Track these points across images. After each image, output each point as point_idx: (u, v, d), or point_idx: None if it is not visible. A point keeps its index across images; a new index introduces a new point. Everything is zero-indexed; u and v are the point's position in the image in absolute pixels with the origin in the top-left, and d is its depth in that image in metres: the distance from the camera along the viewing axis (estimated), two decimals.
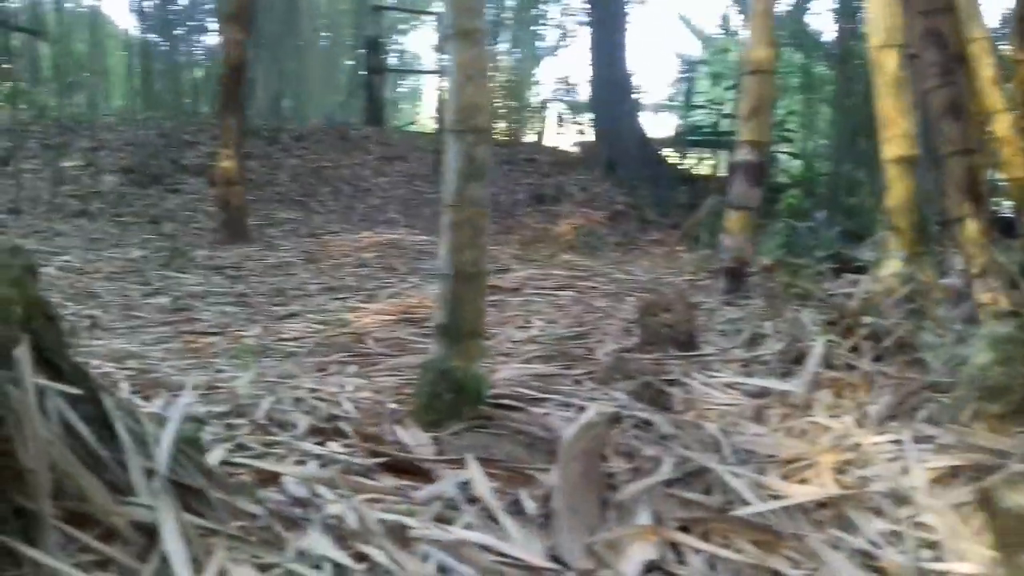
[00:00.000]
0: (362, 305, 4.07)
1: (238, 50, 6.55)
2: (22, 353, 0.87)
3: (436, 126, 11.15)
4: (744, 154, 4.09)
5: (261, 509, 1.03)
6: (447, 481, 1.57)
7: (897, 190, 2.60)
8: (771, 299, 3.65)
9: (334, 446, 1.73)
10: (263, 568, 0.88)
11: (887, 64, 2.61)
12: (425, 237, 7.81)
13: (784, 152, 10.48)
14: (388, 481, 1.58)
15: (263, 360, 2.69)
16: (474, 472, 1.56)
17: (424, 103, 18.83)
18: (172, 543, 0.85)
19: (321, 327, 3.38)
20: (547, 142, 12.57)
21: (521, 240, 8.38)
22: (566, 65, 31.56)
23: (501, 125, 12.79)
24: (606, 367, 2.29)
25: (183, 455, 1.03)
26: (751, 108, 4.06)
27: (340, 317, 3.46)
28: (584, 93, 12.07)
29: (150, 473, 0.96)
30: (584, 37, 12.87)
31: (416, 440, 1.83)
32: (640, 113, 11.66)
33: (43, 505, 0.82)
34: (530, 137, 12.70)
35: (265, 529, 0.98)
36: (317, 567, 0.90)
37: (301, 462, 1.63)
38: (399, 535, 1.04)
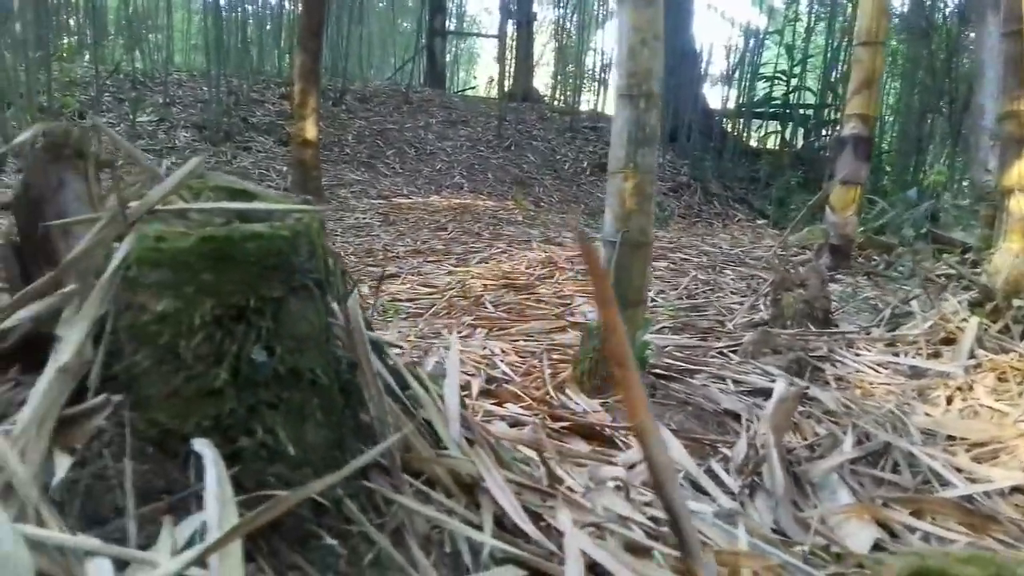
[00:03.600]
0: (457, 268, 4.07)
1: (318, 8, 6.53)
2: (354, 303, 0.87)
3: (497, 91, 11.05)
4: (852, 127, 3.99)
5: (535, 467, 1.03)
6: (636, 450, 1.56)
7: None
8: (882, 276, 3.59)
9: (513, 408, 1.73)
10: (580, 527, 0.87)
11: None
12: (493, 203, 7.81)
13: None
14: (580, 445, 1.58)
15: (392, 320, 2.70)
16: (669, 441, 1.54)
17: (480, 67, 18.74)
18: (502, 496, 0.85)
19: (427, 289, 3.39)
20: (607, 110, 12.42)
21: (586, 209, 8.34)
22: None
23: (558, 92, 12.69)
24: (752, 341, 2.26)
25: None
26: (861, 80, 3.96)
27: (454, 280, 3.46)
28: None
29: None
30: None
31: (586, 406, 1.83)
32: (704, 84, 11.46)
33: (395, 454, 0.82)
34: (587, 105, 12.56)
35: (551, 487, 0.97)
36: (628, 528, 0.90)
37: (487, 422, 1.63)
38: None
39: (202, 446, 0.65)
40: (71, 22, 10.59)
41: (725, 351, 2.31)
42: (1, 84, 6.56)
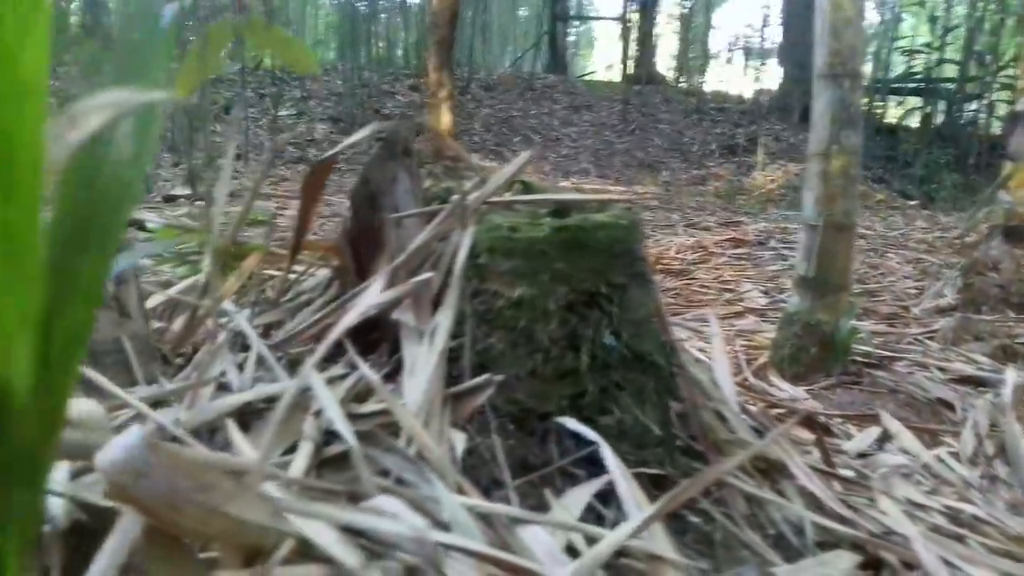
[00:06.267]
0: None
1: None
2: (654, 288, 0.89)
3: (622, 75, 10.96)
4: None
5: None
6: (862, 438, 1.54)
7: None
8: None
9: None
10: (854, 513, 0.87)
11: None
12: (621, 187, 7.77)
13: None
14: (802, 433, 1.57)
15: None
16: (899, 431, 1.51)
17: (597, 52, 18.64)
18: (809, 481, 0.86)
19: None
20: (731, 90, 12.14)
21: (717, 192, 8.18)
22: (747, 10, 30.40)
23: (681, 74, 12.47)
24: (951, 328, 2.17)
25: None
26: None
27: None
28: (771, 38, 11.51)
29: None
30: None
31: (791, 393, 1.81)
32: None
33: (702, 435, 0.84)
34: (710, 85, 12.30)
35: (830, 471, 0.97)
36: (928, 515, 0.89)
37: None
38: (964, 490, 1.02)
39: (576, 425, 0.69)
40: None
41: (921, 338, 2.23)
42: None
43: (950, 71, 10.50)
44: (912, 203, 7.00)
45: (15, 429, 0.28)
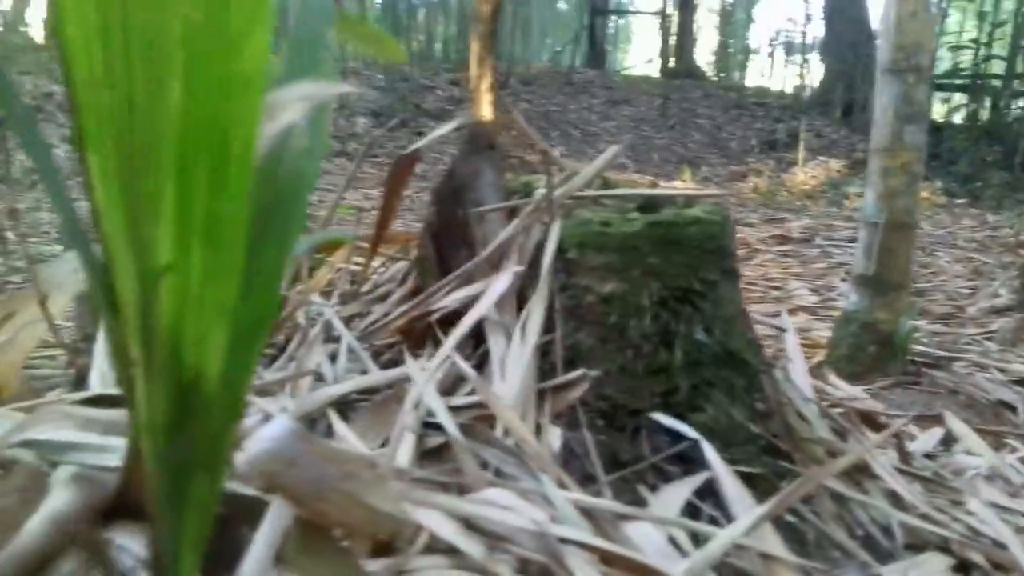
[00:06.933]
0: None
1: None
2: (727, 285, 0.88)
3: (661, 70, 10.89)
4: None
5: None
6: (926, 439, 1.51)
7: None
8: None
9: None
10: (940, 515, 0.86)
11: None
12: (661, 182, 7.70)
13: None
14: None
15: None
16: (964, 433, 1.49)
17: (634, 46, 18.55)
18: (894, 481, 0.85)
19: None
20: (771, 86, 12.01)
21: (757, 188, 8.10)
22: (788, 4, 30.06)
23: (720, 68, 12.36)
24: (1010, 328, 2.14)
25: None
26: None
27: None
28: (812, 33, 11.35)
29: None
30: None
31: (848, 392, 1.79)
32: None
33: (786, 433, 0.83)
34: (750, 80, 12.16)
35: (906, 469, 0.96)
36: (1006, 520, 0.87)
37: None
38: None
39: (671, 421, 0.69)
40: None
41: (978, 338, 2.19)
42: None
43: (997, 67, 10.28)
44: (958, 201, 6.88)
45: (203, 417, 0.29)
